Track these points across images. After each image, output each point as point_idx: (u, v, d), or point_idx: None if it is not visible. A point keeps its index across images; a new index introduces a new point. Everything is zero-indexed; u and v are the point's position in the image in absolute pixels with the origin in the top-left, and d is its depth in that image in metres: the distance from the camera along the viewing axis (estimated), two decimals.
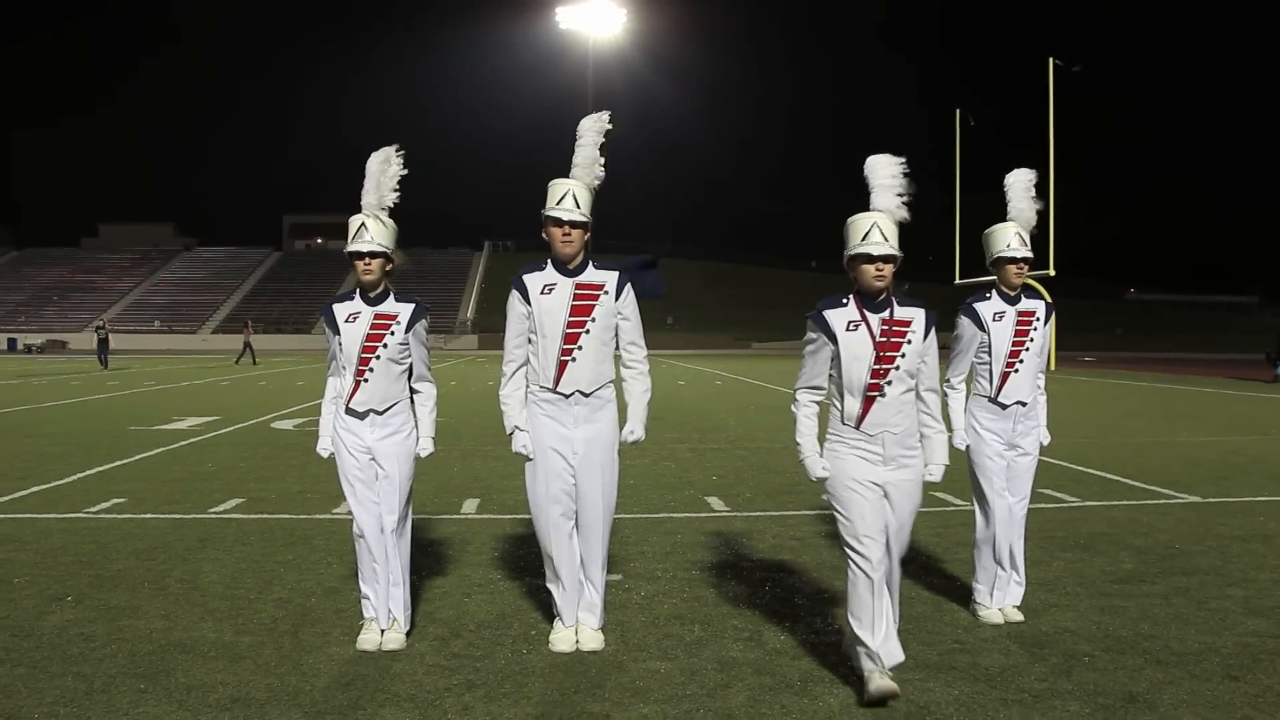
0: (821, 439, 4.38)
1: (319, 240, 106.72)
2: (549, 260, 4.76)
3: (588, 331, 4.67)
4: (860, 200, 4.37)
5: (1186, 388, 27.64)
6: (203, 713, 3.98)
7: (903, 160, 4.40)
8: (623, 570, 6.29)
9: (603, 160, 4.88)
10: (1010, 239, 5.33)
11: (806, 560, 6.68)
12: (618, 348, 4.88)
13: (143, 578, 6.06)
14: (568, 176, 4.80)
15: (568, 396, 4.68)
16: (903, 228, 4.29)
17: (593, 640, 4.79)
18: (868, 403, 4.23)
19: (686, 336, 72.00)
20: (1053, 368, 38.33)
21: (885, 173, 4.37)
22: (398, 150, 4.93)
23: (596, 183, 4.84)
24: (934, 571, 6.40)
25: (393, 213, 4.89)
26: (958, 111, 41.11)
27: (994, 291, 5.39)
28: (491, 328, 70.03)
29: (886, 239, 4.19)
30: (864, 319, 4.24)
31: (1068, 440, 13.23)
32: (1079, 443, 13.31)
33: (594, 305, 4.69)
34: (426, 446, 4.97)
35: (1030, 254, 5.36)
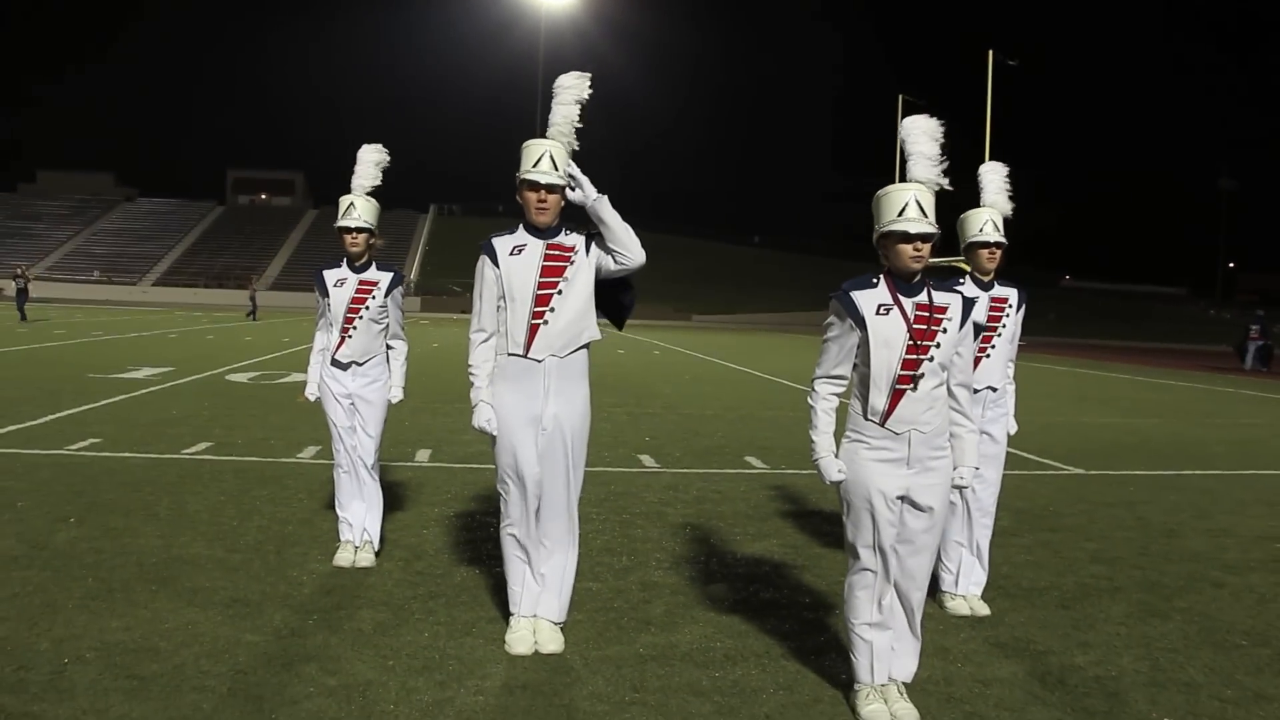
0: (839, 436, 3.96)
1: (263, 195, 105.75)
2: (521, 224, 4.61)
3: (560, 292, 4.46)
4: (795, 178, 4.14)
5: (1102, 373, 29.03)
6: (210, 609, 4.76)
7: (943, 124, 4.04)
8: None
9: (579, 124, 4.68)
10: (984, 224, 5.33)
11: (724, 509, 7.56)
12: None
13: (134, 506, 6.78)
14: (544, 136, 4.60)
15: (540, 361, 4.47)
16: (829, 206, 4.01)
17: (553, 641, 4.49)
18: (896, 396, 3.79)
19: None
20: None
21: (925, 138, 4.00)
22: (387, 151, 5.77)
23: (572, 139, 4.66)
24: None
25: (373, 193, 5.69)
26: (900, 97, 42.14)
27: (967, 277, 5.43)
28: (434, 290, 70.34)
29: (926, 214, 3.76)
30: (897, 303, 3.79)
31: None
32: None
33: (566, 266, 4.48)
34: (397, 394, 5.81)
35: (1004, 240, 5.34)
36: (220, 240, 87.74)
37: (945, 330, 3.80)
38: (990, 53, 36.25)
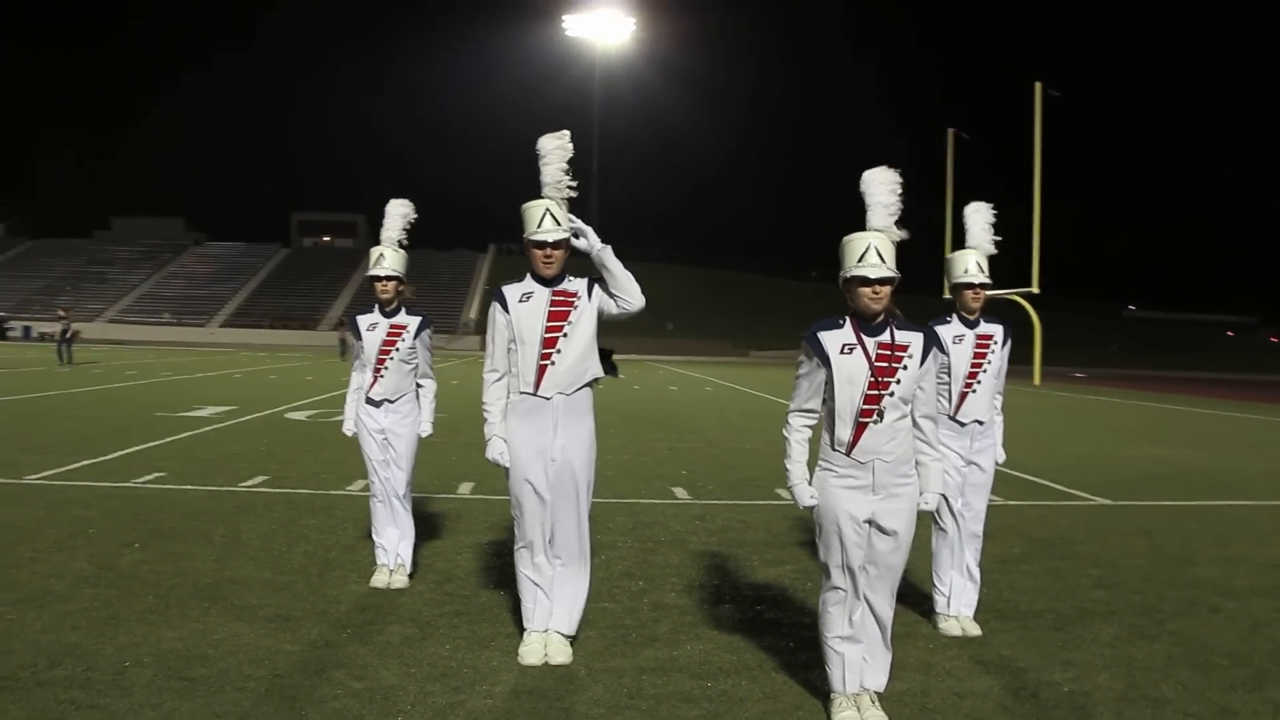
0: (813, 465, 4.30)
1: (326, 238, 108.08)
2: (529, 274, 4.98)
3: (565, 335, 4.83)
4: (850, 213, 4.32)
5: (1154, 405, 28.85)
6: (254, 623, 5.25)
7: (899, 175, 4.30)
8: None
9: (572, 180, 5.01)
10: (969, 265, 5.56)
11: (746, 538, 7.92)
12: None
13: (192, 533, 7.33)
14: (540, 197, 4.96)
15: (549, 399, 4.84)
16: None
17: (562, 653, 4.85)
18: (859, 429, 4.08)
19: (685, 343, 73.24)
20: (1037, 383, 39.53)
21: (883, 189, 4.28)
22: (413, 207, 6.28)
23: (570, 195, 4.99)
24: None
25: (403, 244, 6.22)
26: (950, 131, 42.37)
27: (954, 315, 5.66)
28: None
29: (884, 260, 4.05)
30: (860, 342, 4.11)
31: (1019, 450, 14.40)
32: (1027, 451, 14.52)
33: (570, 311, 4.86)
34: (426, 429, 6.30)
35: (988, 280, 5.58)
36: (285, 282, 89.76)
37: (906, 367, 4.10)
38: (1038, 85, 36.35)
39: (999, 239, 5.81)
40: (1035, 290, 36.87)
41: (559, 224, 4.85)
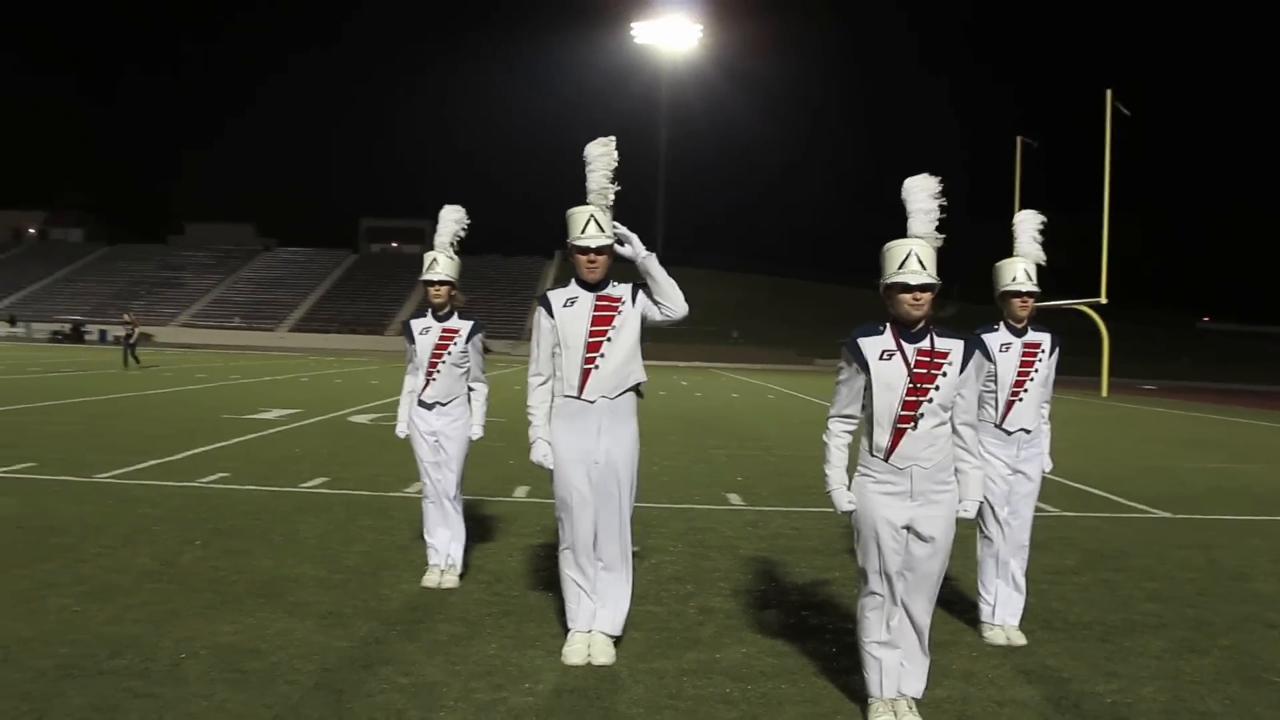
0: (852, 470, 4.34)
1: (394, 244, 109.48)
2: (574, 279, 5.09)
3: (609, 339, 4.93)
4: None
5: (1225, 418, 28.25)
6: (307, 619, 5.40)
7: (940, 182, 4.34)
8: (640, 544, 7.60)
9: (615, 185, 5.11)
10: (1017, 273, 5.60)
11: (798, 544, 7.94)
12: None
13: (252, 532, 7.53)
14: (584, 203, 5.07)
15: (593, 403, 4.96)
16: (962, 248, 4.50)
17: (605, 653, 4.93)
18: (897, 435, 4.12)
19: (751, 351, 73.04)
20: (1104, 395, 38.88)
21: (923, 195, 4.31)
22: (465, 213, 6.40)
23: (610, 202, 5.09)
24: None
25: (456, 250, 6.35)
26: (1019, 139, 41.91)
27: (1001, 324, 5.68)
28: None
29: (924, 266, 4.09)
30: (899, 348, 4.14)
31: (1081, 461, 14.30)
32: (1089, 463, 14.34)
33: (614, 316, 4.96)
34: (477, 431, 6.43)
35: (1036, 288, 5.63)
36: (353, 287, 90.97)
37: (945, 374, 4.13)
38: (1109, 92, 35.82)
39: (1060, 248, 5.83)
40: (1103, 300, 36.27)
41: (603, 230, 4.94)
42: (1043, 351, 5.67)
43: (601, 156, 5.12)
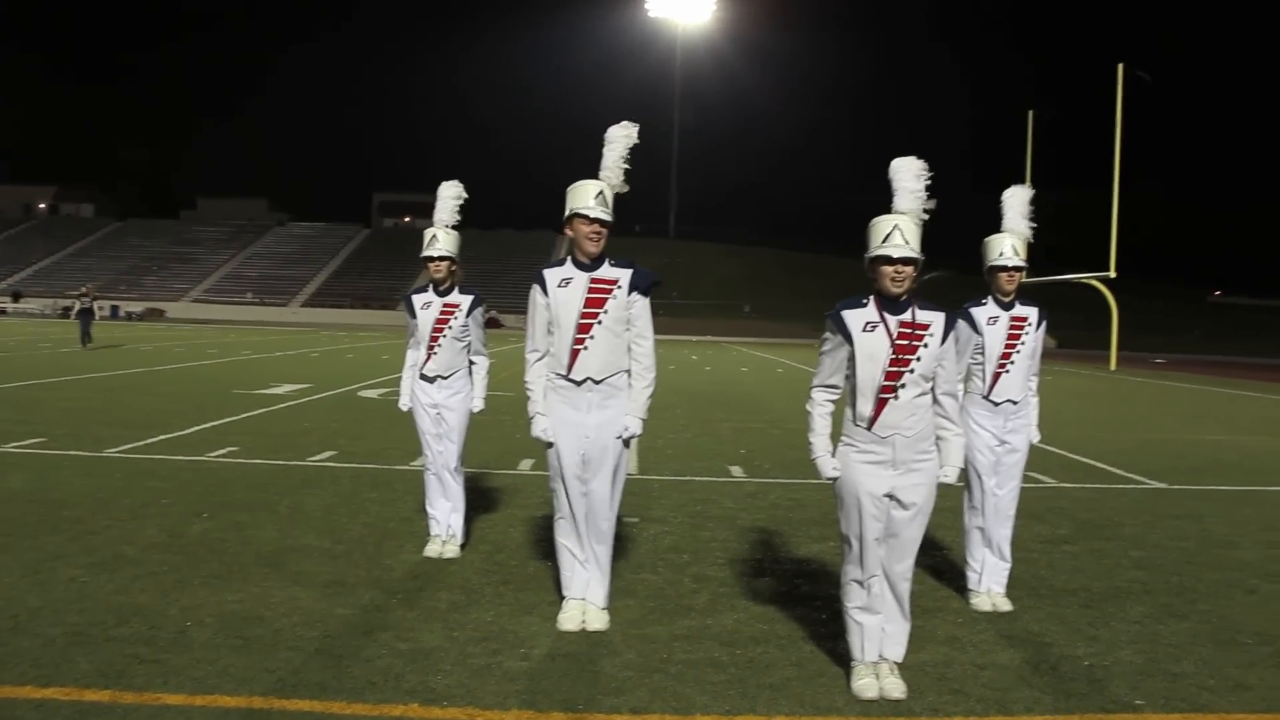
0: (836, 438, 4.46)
1: (407, 219, 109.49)
2: (569, 258, 5.18)
3: (599, 323, 5.01)
4: (947, 197, 4.74)
5: (1232, 391, 28.29)
6: (311, 588, 5.57)
7: (925, 164, 4.52)
8: (641, 515, 7.76)
9: (628, 165, 5.24)
10: (1004, 249, 5.71)
11: (796, 515, 8.09)
12: None
13: (258, 504, 7.71)
14: (596, 177, 5.17)
15: (580, 383, 5.05)
16: (962, 219, 4.61)
17: (598, 620, 5.08)
18: (880, 404, 4.25)
19: (763, 325, 73.06)
20: (1113, 368, 38.89)
21: (909, 175, 4.48)
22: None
23: (621, 179, 5.23)
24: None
25: (456, 226, 6.48)
26: (1030, 112, 41.80)
27: (989, 298, 5.81)
28: None
29: (907, 241, 4.22)
30: (882, 320, 4.27)
31: (1082, 433, 14.43)
32: (1088, 435, 14.46)
33: (606, 299, 5.03)
34: (478, 404, 6.58)
35: (1023, 263, 5.73)
36: (365, 262, 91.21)
37: (926, 345, 4.26)
38: (1120, 66, 35.65)
39: (1068, 222, 5.88)
40: (1111, 275, 36.24)
41: (608, 205, 5.05)
42: (1029, 325, 5.79)
43: (622, 139, 5.24)
